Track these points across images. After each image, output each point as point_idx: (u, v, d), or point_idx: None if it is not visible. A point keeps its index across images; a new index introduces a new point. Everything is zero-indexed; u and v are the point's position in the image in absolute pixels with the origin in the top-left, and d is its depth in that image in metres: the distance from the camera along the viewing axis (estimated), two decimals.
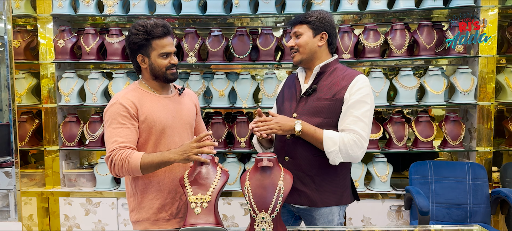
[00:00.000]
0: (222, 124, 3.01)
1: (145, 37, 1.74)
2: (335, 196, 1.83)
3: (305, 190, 1.81)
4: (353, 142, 1.71)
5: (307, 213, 1.87)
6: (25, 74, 3.18)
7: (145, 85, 1.85)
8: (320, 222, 1.84)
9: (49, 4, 3.02)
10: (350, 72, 1.83)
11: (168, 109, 1.82)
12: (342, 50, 2.91)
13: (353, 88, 1.76)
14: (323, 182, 1.81)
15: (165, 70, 1.79)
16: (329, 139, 1.71)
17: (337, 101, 1.77)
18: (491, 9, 2.83)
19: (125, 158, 1.64)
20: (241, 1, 2.90)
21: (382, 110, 3.41)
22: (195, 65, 3.10)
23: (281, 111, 1.92)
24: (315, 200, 1.81)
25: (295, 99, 1.87)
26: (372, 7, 2.88)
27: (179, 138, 1.84)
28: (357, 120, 1.72)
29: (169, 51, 1.78)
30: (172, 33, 1.82)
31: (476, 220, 2.68)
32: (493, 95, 2.88)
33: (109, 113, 1.73)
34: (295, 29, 1.85)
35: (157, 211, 1.81)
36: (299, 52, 1.84)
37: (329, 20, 1.84)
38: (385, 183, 2.92)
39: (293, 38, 1.86)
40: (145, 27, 1.73)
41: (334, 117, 1.78)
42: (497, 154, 3.17)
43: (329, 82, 1.81)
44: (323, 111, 1.78)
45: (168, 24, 1.80)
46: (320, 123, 1.77)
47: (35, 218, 3.06)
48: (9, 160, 2.68)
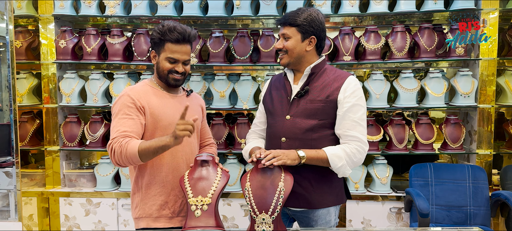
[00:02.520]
0: (222, 125, 3.02)
1: (160, 37, 1.77)
2: (331, 196, 1.84)
3: (302, 192, 1.80)
4: (356, 151, 1.74)
5: (303, 215, 1.86)
6: (26, 74, 3.18)
7: (154, 82, 1.89)
8: (318, 224, 1.84)
9: (51, 4, 3.02)
10: (340, 73, 1.84)
11: (174, 108, 1.83)
12: (342, 52, 2.91)
13: (347, 90, 1.77)
14: (320, 184, 1.81)
15: (167, 73, 1.81)
16: (334, 155, 1.73)
17: (331, 102, 1.77)
18: (492, 12, 2.83)
19: (124, 145, 1.64)
20: (242, 2, 2.90)
21: (383, 112, 3.42)
22: (196, 66, 3.10)
23: (272, 113, 1.89)
24: (313, 201, 1.81)
25: (286, 101, 1.85)
26: (373, 9, 2.88)
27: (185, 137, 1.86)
28: (356, 124, 1.75)
29: (177, 58, 1.78)
30: (190, 42, 1.81)
31: (476, 222, 2.67)
32: (493, 98, 2.89)
33: (117, 105, 1.77)
34: (284, 30, 1.80)
35: (159, 207, 1.82)
36: (287, 55, 1.81)
37: (319, 23, 1.80)
38: (385, 185, 2.92)
39: (282, 39, 1.82)
40: (164, 27, 1.76)
41: (328, 118, 1.79)
42: (497, 156, 3.17)
43: (320, 84, 1.81)
44: (318, 112, 1.78)
45: (190, 33, 1.78)
46: (315, 125, 1.78)
47: (35, 218, 3.06)
48: (10, 160, 2.68)
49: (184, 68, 1.82)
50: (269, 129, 1.92)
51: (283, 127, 1.82)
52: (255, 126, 2.04)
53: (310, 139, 1.78)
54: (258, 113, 2.04)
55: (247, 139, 2.06)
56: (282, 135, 1.81)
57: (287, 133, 1.80)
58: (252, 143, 1.98)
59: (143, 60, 2.97)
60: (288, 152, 1.71)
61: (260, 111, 2.01)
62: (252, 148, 1.91)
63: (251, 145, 1.96)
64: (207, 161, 1.72)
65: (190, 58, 1.84)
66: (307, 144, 1.77)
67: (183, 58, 1.80)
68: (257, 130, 2.03)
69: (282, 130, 1.82)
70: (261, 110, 2.01)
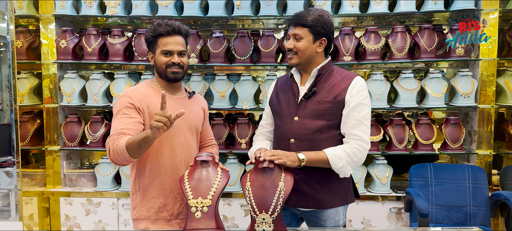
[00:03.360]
0: (223, 125, 3.02)
1: (152, 34, 1.82)
2: (340, 196, 1.84)
3: (312, 192, 1.80)
4: (356, 150, 1.74)
5: (312, 215, 1.86)
6: (27, 74, 3.18)
7: (155, 83, 1.90)
8: (327, 223, 1.83)
9: (52, 4, 3.03)
10: (347, 73, 1.84)
11: (175, 109, 1.82)
12: (343, 52, 2.92)
13: (353, 90, 1.77)
14: (329, 183, 1.81)
15: (165, 67, 1.82)
16: (334, 156, 1.73)
17: (338, 103, 1.77)
18: (492, 13, 2.84)
19: (116, 142, 1.63)
20: (242, 2, 2.91)
21: (383, 112, 3.42)
22: (196, 66, 3.10)
23: (279, 115, 1.89)
24: (322, 201, 1.80)
25: (294, 102, 1.85)
26: (373, 9, 2.88)
27: (184, 139, 1.86)
28: (359, 123, 1.75)
29: (171, 49, 1.80)
30: (182, 33, 1.84)
31: (475, 222, 2.68)
32: (493, 98, 2.89)
33: (117, 105, 1.78)
34: (296, 30, 1.80)
35: (158, 210, 1.82)
36: (298, 55, 1.80)
37: (330, 24, 1.81)
38: (385, 185, 2.92)
39: (292, 39, 1.81)
40: (154, 25, 1.82)
41: (336, 119, 1.79)
42: (497, 157, 3.17)
43: (328, 84, 1.81)
44: (326, 113, 1.78)
45: (180, 25, 1.83)
46: (323, 125, 1.77)
47: (36, 218, 3.07)
48: (10, 159, 2.68)
49: (180, 59, 1.82)
50: (277, 130, 1.91)
51: (291, 128, 1.81)
52: (262, 128, 2.04)
53: (318, 140, 1.78)
54: (264, 115, 2.03)
55: (254, 141, 2.06)
56: (290, 137, 1.81)
57: (296, 134, 1.80)
58: (257, 144, 1.97)
59: (143, 60, 2.97)
60: (288, 153, 1.71)
61: (267, 113, 2.01)
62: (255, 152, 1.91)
63: (256, 146, 1.95)
64: (207, 161, 1.71)
65: (185, 50, 1.85)
66: (316, 145, 1.77)
67: (177, 48, 1.81)
68: (264, 131, 2.02)
69: (290, 132, 1.81)
70: (268, 112, 2.00)
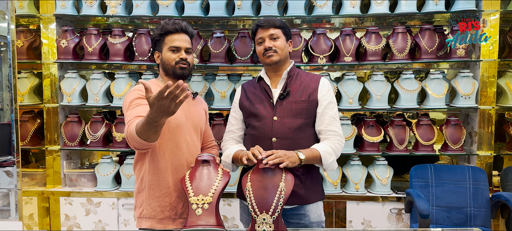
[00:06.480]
0: (223, 126, 3.01)
1: (159, 32, 1.87)
2: (318, 191, 1.96)
3: (295, 189, 1.82)
4: (338, 145, 1.90)
5: (294, 213, 1.92)
6: (27, 74, 3.18)
7: (161, 81, 1.92)
8: (311, 216, 1.91)
9: (52, 4, 3.03)
10: (313, 75, 2.01)
11: (182, 108, 1.83)
12: (343, 52, 2.92)
13: (323, 89, 1.94)
14: (309, 180, 1.91)
15: (175, 64, 1.85)
16: (325, 153, 1.84)
17: (313, 102, 1.91)
18: (493, 14, 2.84)
19: (129, 127, 1.62)
20: (243, 2, 2.91)
21: (383, 113, 3.42)
22: (197, 66, 3.10)
23: (256, 116, 1.94)
24: (305, 197, 1.89)
25: (269, 103, 1.93)
26: (374, 10, 2.88)
27: (190, 139, 1.89)
28: (333, 119, 1.91)
29: (178, 45, 1.85)
30: (188, 31, 1.90)
31: (476, 224, 2.68)
32: (494, 99, 2.89)
33: (127, 99, 1.79)
34: (272, 31, 1.93)
35: (163, 209, 1.83)
36: (278, 53, 1.92)
37: None
38: (386, 186, 2.92)
39: (268, 40, 1.93)
40: (161, 24, 1.87)
41: (312, 117, 1.92)
42: (498, 158, 3.17)
43: (298, 85, 1.94)
44: (303, 112, 1.90)
45: (187, 25, 1.90)
46: (302, 124, 1.89)
47: (36, 218, 3.07)
48: (10, 159, 2.68)
49: (187, 56, 1.88)
50: (255, 131, 1.94)
51: (272, 128, 1.88)
52: (232, 133, 2.06)
53: (298, 138, 1.88)
54: (232, 120, 2.07)
55: (223, 146, 2.07)
56: (272, 136, 1.88)
57: (277, 133, 1.88)
58: (232, 148, 1.98)
59: (144, 60, 2.97)
60: (289, 154, 1.74)
61: (236, 118, 2.06)
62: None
63: (233, 149, 1.97)
64: (208, 161, 1.73)
65: (191, 47, 1.91)
66: (296, 143, 1.86)
67: (184, 45, 1.87)
68: (234, 136, 2.06)
69: (271, 131, 1.88)
70: (236, 117, 2.06)
